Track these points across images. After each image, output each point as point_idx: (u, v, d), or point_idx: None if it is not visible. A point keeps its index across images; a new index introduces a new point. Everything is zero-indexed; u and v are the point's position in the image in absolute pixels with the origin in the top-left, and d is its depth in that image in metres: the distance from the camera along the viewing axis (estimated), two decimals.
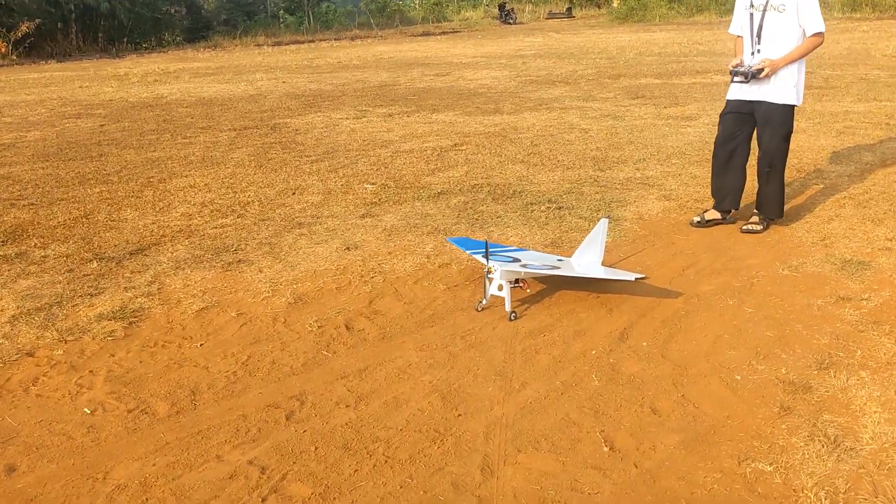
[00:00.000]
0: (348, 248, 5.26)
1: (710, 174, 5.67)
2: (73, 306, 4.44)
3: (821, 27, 5.10)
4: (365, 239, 5.46)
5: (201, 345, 3.94)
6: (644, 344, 3.82)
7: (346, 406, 3.31)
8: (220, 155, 8.46)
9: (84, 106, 12.99)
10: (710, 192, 5.74)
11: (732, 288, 4.48)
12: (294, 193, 6.71)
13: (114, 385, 3.55)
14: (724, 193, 5.58)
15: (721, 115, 5.58)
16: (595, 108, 10.90)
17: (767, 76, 5.19)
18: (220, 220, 6.00)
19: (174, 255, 5.24)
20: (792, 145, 7.94)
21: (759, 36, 5.24)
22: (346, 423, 3.18)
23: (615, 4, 39.39)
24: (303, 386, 3.50)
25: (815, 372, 3.47)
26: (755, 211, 5.58)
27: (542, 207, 6.05)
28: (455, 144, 8.65)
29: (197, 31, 40.23)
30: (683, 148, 8.01)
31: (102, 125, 10.97)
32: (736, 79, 5.30)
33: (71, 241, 5.57)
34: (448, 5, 48.29)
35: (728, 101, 5.52)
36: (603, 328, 4.01)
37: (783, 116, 5.27)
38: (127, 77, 17.60)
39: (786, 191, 5.69)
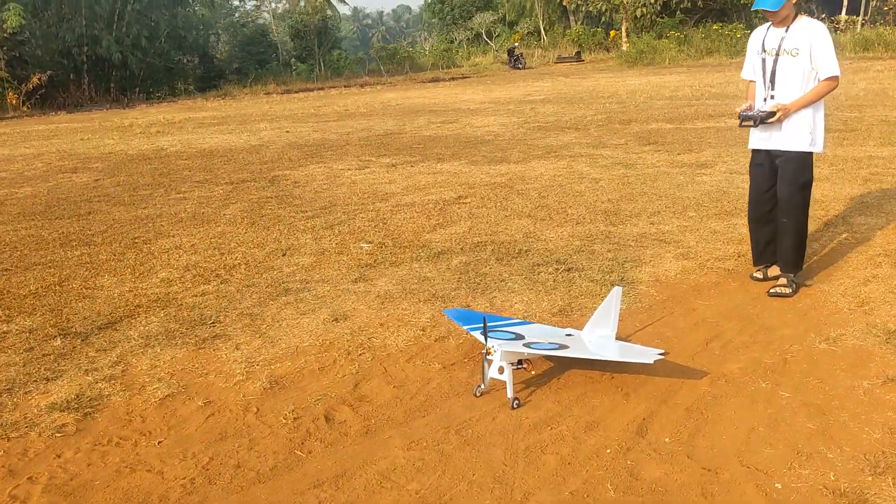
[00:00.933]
0: (336, 319, 4.79)
1: (729, 228, 5.20)
2: (26, 393, 3.98)
3: (835, 70, 4.70)
4: (356, 308, 5.00)
5: (160, 442, 3.46)
6: (666, 440, 3.31)
7: None
8: (212, 212, 8.06)
9: (82, 159, 12.70)
10: (732, 249, 5.27)
11: (764, 366, 3.97)
12: (285, 255, 6.27)
13: (52, 497, 3.07)
14: (762, 246, 5.16)
15: (750, 168, 5.16)
16: (606, 155, 10.48)
17: (779, 121, 4.77)
18: (202, 287, 5.55)
19: (146, 329, 4.79)
20: (816, 194, 7.51)
21: (772, 81, 4.85)
22: None
23: (624, 48, 39.31)
24: (269, 498, 3.00)
25: (870, 478, 2.94)
26: (781, 272, 5.10)
27: (550, 269, 5.58)
28: (459, 197, 8.22)
29: (209, 80, 40.45)
30: (700, 199, 7.55)
31: (97, 180, 10.64)
32: (744, 123, 4.89)
33: (38, 314, 5.14)
34: (458, 51, 48.49)
35: (752, 152, 5.11)
36: (619, 419, 3.51)
37: (799, 165, 4.86)
38: (130, 128, 17.39)
39: (813, 245, 5.22)
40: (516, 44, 44.49)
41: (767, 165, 4.99)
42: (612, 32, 43.88)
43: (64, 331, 4.80)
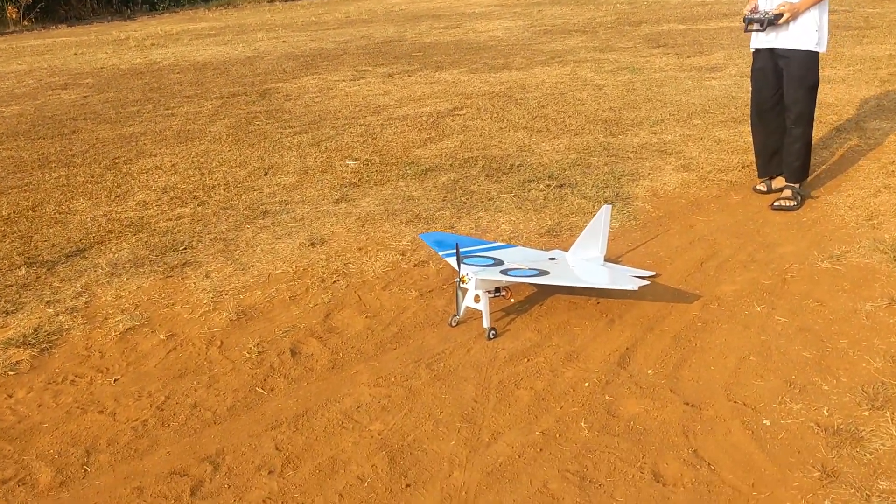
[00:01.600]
0: (313, 244, 4.56)
1: (735, 136, 4.87)
2: None
3: None
4: (335, 231, 4.76)
5: (116, 380, 3.29)
6: (650, 371, 3.09)
7: (269, 472, 2.64)
8: (198, 128, 7.76)
9: (73, 75, 12.32)
10: (736, 160, 4.95)
11: (761, 288, 3.72)
12: (267, 174, 6.00)
13: None
14: (768, 157, 4.84)
15: (752, 72, 4.79)
16: (612, 59, 9.99)
17: (787, 22, 4.38)
18: (178, 210, 5.31)
19: (115, 256, 4.58)
20: (829, 97, 7.13)
21: None
22: (264, 501, 2.51)
23: None
24: (222, 441, 2.83)
25: (867, 412, 2.72)
26: (785, 182, 4.79)
27: (542, 185, 5.29)
28: (455, 108, 7.86)
29: None
30: (707, 105, 7.15)
31: (86, 96, 10.30)
32: (750, 27, 4.49)
33: (7, 241, 4.93)
34: None
35: (753, 54, 4.73)
36: (600, 348, 3.29)
37: (806, 65, 4.49)
38: (126, 42, 16.88)
39: (822, 154, 4.89)
40: None
41: (771, 68, 4.62)
42: None
43: (31, 259, 4.60)
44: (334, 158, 6.32)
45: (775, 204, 4.69)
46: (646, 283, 3.45)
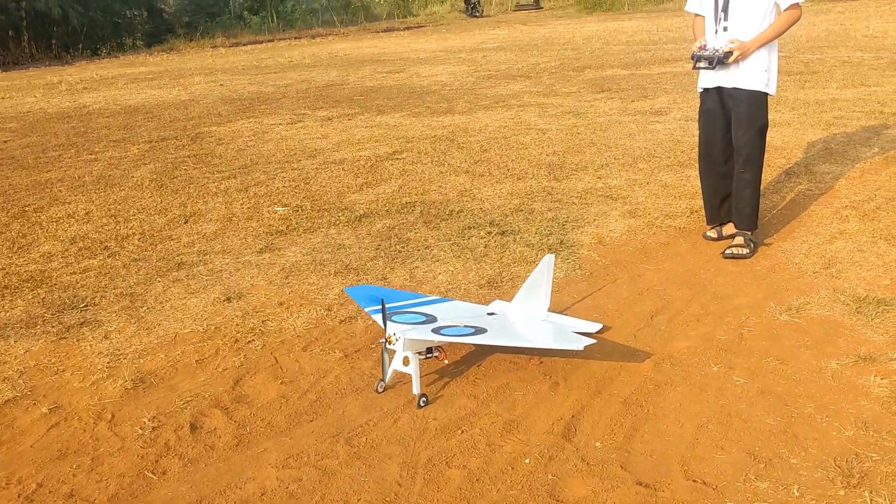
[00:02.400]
0: (229, 299, 4.14)
1: (682, 181, 4.62)
2: None
3: None
4: (255, 284, 4.34)
5: None
6: (598, 444, 2.73)
7: None
8: (120, 174, 7.28)
9: None
10: (684, 205, 4.70)
11: (716, 344, 3.41)
12: (187, 222, 5.57)
13: None
14: (717, 203, 4.59)
15: (699, 113, 4.55)
16: (556, 104, 9.81)
17: (737, 61, 4.16)
18: (85, 262, 4.85)
19: (7, 315, 4.09)
20: (777, 140, 6.97)
21: (725, 10, 4.21)
22: None
23: None
24: None
25: (843, 491, 2.39)
26: (737, 230, 4.54)
27: (482, 233, 4.95)
28: (394, 152, 7.53)
29: (158, 35, 38.70)
30: (652, 149, 6.94)
31: (6, 141, 9.74)
32: (698, 65, 4.26)
33: None
34: (414, 0, 47.07)
35: (701, 94, 4.49)
36: (543, 416, 2.92)
37: (755, 106, 4.27)
38: (57, 86, 16.30)
39: (773, 198, 4.67)
40: None
41: (719, 109, 4.39)
42: None
43: None
44: (262, 205, 5.91)
45: (727, 252, 4.42)
46: (592, 341, 3.11)
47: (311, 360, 3.46)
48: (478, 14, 37.13)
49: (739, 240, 4.46)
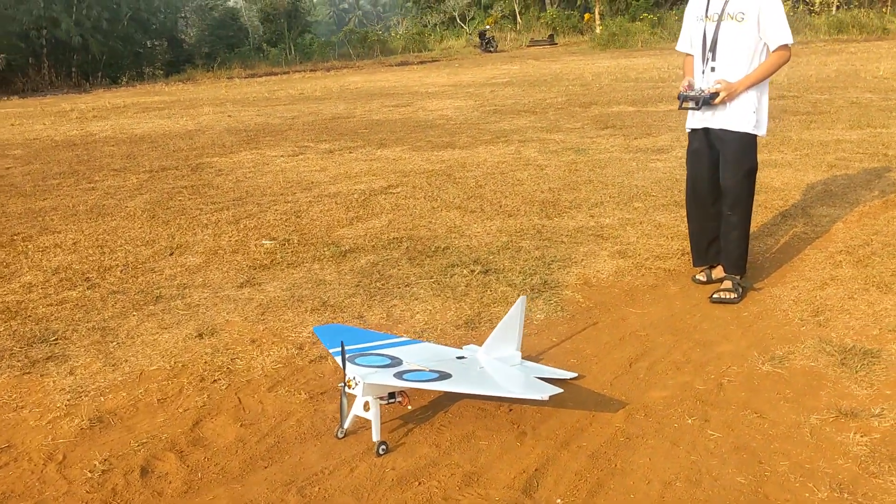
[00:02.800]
0: (201, 335, 4.05)
1: (676, 221, 4.53)
2: None
3: (788, 38, 4.01)
4: (229, 319, 4.26)
5: None
6: (558, 501, 2.60)
7: None
8: (115, 203, 7.26)
9: (2, 146, 11.81)
10: (676, 246, 4.60)
11: (694, 394, 3.28)
12: (172, 254, 5.50)
13: None
14: (705, 245, 4.48)
15: (687, 154, 4.47)
16: (558, 140, 9.76)
17: (723, 102, 4.08)
18: (64, 294, 4.78)
19: None
20: (776, 182, 6.86)
21: (712, 50, 4.14)
22: None
23: (597, 31, 38.54)
24: None
25: None
26: (725, 273, 4.42)
27: (465, 271, 4.86)
28: (389, 186, 7.47)
29: (177, 65, 39.17)
30: (649, 187, 6.85)
31: (9, 168, 9.78)
32: (685, 105, 4.18)
33: None
34: (430, 35, 47.47)
35: (689, 135, 4.41)
36: (506, 468, 2.80)
37: (742, 148, 4.17)
38: (69, 113, 16.45)
39: (767, 241, 4.56)
40: (488, 27, 43.56)
41: (706, 151, 4.30)
42: (587, 15, 43.06)
43: None
44: (250, 238, 5.85)
45: (714, 296, 4.31)
46: (559, 390, 2.99)
47: (275, 402, 3.36)
48: (492, 49, 37.36)
49: (727, 284, 4.34)
